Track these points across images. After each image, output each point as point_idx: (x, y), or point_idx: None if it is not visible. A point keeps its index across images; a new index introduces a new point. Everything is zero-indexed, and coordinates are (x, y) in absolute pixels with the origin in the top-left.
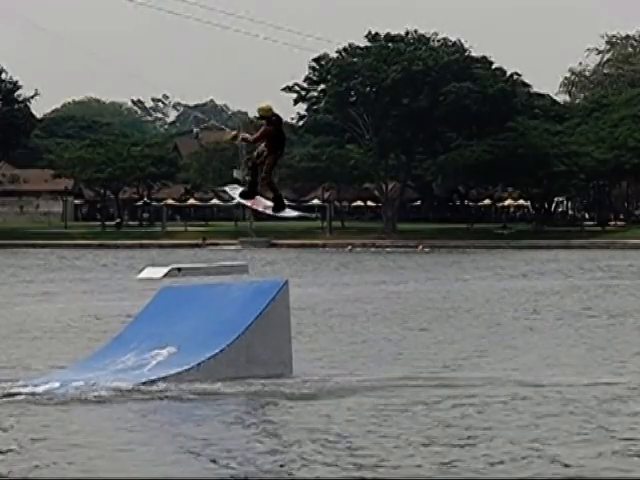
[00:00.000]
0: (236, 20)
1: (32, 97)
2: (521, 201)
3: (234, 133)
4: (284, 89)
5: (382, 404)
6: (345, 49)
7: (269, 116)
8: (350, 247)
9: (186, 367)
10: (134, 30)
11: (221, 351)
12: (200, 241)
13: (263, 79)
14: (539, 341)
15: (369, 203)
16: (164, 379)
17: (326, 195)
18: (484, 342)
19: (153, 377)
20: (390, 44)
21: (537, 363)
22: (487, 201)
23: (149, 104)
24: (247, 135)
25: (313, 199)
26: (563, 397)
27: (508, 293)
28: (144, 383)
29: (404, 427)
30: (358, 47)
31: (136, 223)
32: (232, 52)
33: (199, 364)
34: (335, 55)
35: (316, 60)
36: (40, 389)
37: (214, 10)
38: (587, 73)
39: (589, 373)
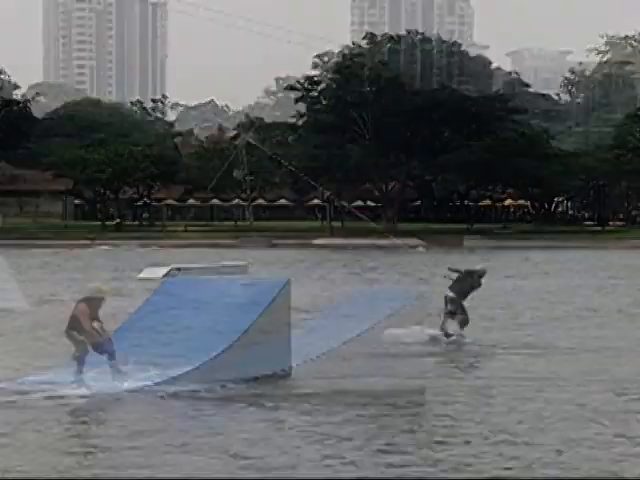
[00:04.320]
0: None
1: (32, 98)
2: (521, 201)
3: None
4: (285, 88)
5: (385, 405)
6: (345, 49)
7: None
8: (350, 247)
9: (186, 368)
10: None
11: (222, 352)
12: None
13: (262, 78)
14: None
15: (369, 203)
16: (163, 381)
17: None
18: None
19: (149, 379)
20: (389, 44)
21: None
22: (487, 201)
23: (148, 104)
24: None
25: (313, 199)
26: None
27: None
28: (144, 384)
29: (402, 426)
30: (358, 47)
31: (136, 223)
32: (231, 52)
33: (199, 365)
34: (336, 53)
35: (318, 57)
36: (37, 387)
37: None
38: (587, 73)
39: None
